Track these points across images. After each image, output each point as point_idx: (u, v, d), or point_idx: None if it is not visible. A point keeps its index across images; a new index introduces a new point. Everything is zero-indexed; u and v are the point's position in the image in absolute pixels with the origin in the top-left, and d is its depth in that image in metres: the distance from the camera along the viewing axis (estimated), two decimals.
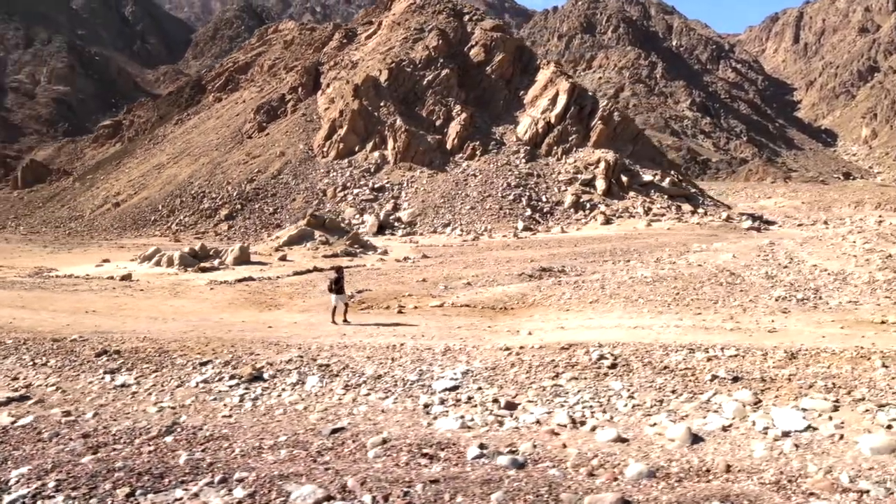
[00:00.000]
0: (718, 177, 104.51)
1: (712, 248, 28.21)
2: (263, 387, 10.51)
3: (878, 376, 10.13)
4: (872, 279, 18.12)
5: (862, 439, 8.15)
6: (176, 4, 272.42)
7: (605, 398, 9.74)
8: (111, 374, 11.14)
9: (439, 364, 11.32)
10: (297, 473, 7.84)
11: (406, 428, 8.98)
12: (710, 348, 11.57)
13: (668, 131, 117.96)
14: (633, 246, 30.06)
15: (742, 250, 27.09)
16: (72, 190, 58.17)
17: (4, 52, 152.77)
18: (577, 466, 7.81)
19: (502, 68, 54.27)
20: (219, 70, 74.81)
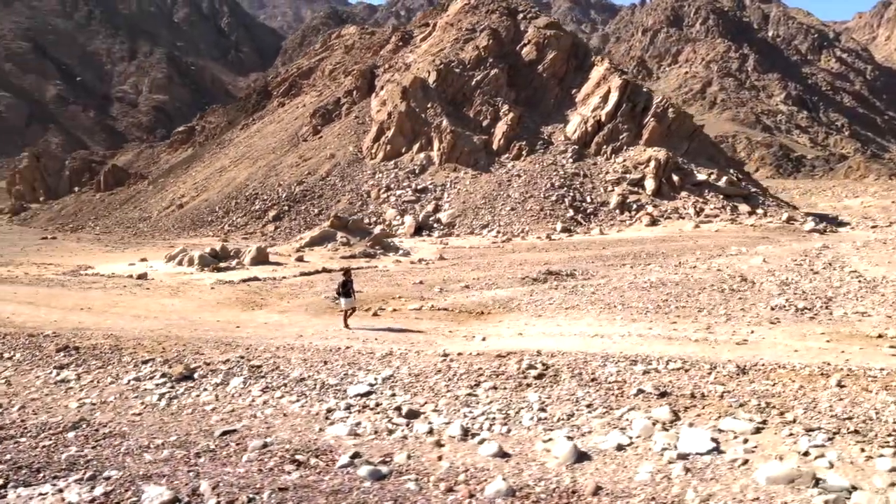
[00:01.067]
0: (814, 174, 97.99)
1: (750, 252, 26.50)
2: (188, 386, 10.70)
3: (824, 396, 9.18)
4: None
5: (764, 466, 7.40)
6: (270, 14, 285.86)
7: (514, 410, 9.30)
8: (59, 369, 11.66)
9: (368, 368, 11.16)
10: (160, 474, 7.90)
11: (295, 433, 8.89)
12: (656, 360, 10.82)
13: (760, 127, 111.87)
14: (666, 249, 28.69)
15: (781, 254, 25.31)
16: (145, 192, 61.83)
17: (111, 65, 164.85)
18: (439, 481, 7.48)
19: (554, 66, 53.17)
20: (284, 76, 77.40)
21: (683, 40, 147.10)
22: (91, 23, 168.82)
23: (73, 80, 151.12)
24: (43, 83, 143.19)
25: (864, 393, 9.30)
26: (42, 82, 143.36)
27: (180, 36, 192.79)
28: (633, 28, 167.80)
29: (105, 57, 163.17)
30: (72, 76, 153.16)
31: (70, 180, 72.11)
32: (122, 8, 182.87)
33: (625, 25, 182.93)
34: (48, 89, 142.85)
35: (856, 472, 7.22)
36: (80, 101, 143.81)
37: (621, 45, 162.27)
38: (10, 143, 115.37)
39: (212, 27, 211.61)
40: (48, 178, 72.81)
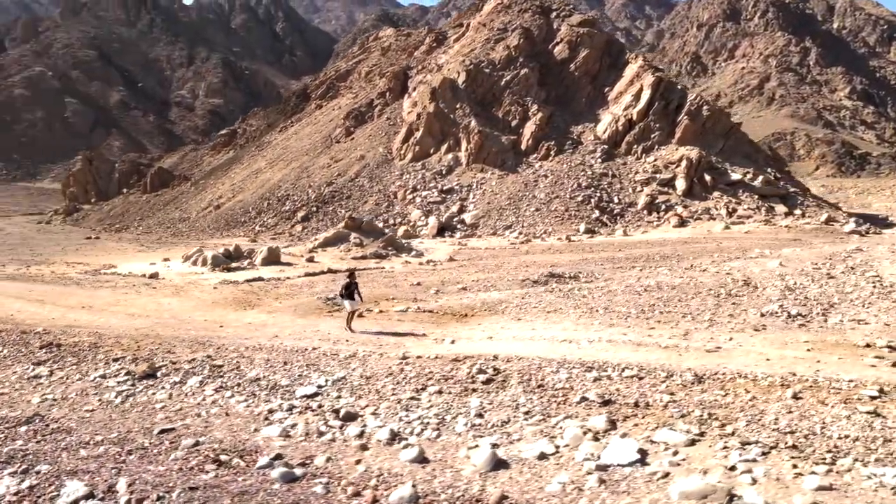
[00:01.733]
0: (879, 173, 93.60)
1: (773, 255, 25.48)
2: (148, 384, 10.97)
3: (773, 409, 8.76)
4: None
5: (680, 481, 7.11)
6: (324, 18, 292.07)
7: (451, 415, 9.19)
8: (36, 365, 12.12)
9: (325, 370, 11.21)
10: (86, 470, 8.13)
11: (230, 433, 9.01)
12: (613, 367, 10.53)
13: (821, 123, 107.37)
14: (685, 251, 27.86)
15: (804, 257, 24.23)
16: (187, 194, 63.83)
17: (171, 71, 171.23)
18: (349, 485, 7.48)
19: (587, 65, 52.34)
20: (322, 78, 78.64)
21: (740, 34, 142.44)
22: (153, 31, 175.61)
23: (135, 87, 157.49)
24: (107, 89, 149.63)
25: (819, 406, 8.82)
26: (106, 89, 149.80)
27: (237, 41, 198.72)
28: (687, 23, 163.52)
29: (165, 63, 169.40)
30: (134, 82, 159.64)
31: (119, 182, 75.14)
32: (183, 16, 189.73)
33: (680, 21, 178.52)
34: (112, 95, 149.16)
35: (778, 490, 6.86)
36: (141, 106, 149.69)
37: (675, 40, 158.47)
38: (75, 147, 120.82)
39: (267, 32, 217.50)
40: (99, 180, 76.05)
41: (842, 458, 7.41)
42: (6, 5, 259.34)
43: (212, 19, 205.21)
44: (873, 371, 10.27)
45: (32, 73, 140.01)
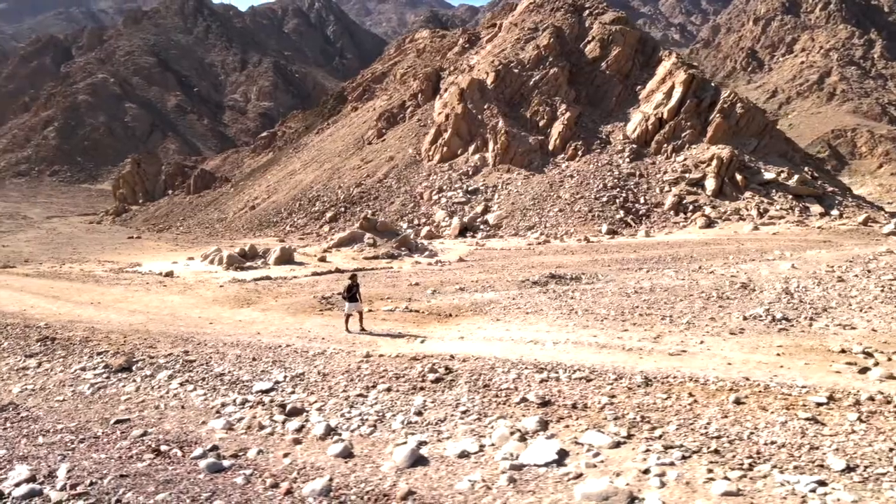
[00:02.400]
0: None
1: (792, 257, 24.72)
2: (121, 377, 11.50)
3: (710, 413, 8.68)
4: None
5: (587, 483, 7.15)
6: (375, 21, 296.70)
7: (392, 413, 9.39)
8: (27, 357, 12.86)
9: (288, 367, 11.53)
10: (35, 456, 8.65)
11: (180, 424, 9.41)
12: (564, 369, 10.53)
13: (886, 119, 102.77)
14: (700, 252, 27.27)
15: (822, 260, 23.45)
16: (226, 195, 65.74)
17: (224, 76, 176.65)
18: (270, 476, 7.78)
19: (619, 63, 51.57)
20: (359, 81, 79.71)
21: (800, 28, 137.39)
22: (209, 37, 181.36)
23: (190, 91, 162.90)
24: (165, 94, 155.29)
25: (758, 411, 8.65)
26: (164, 93, 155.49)
27: (288, 45, 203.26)
28: (744, 17, 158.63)
29: (220, 68, 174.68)
30: (190, 87, 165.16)
31: (165, 184, 77.95)
32: (237, 22, 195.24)
33: (737, 15, 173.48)
34: (169, 100, 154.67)
35: (683, 494, 6.83)
36: (196, 110, 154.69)
37: (731, 35, 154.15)
38: (133, 150, 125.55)
39: (318, 36, 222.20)
40: (147, 182, 79.06)
41: (760, 465, 7.31)
42: (75, 16, 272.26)
43: (265, 24, 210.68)
44: (834, 377, 9.98)
45: (96, 79, 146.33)
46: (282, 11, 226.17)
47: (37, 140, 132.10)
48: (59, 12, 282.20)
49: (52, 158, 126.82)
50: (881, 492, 6.60)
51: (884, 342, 11.99)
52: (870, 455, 7.32)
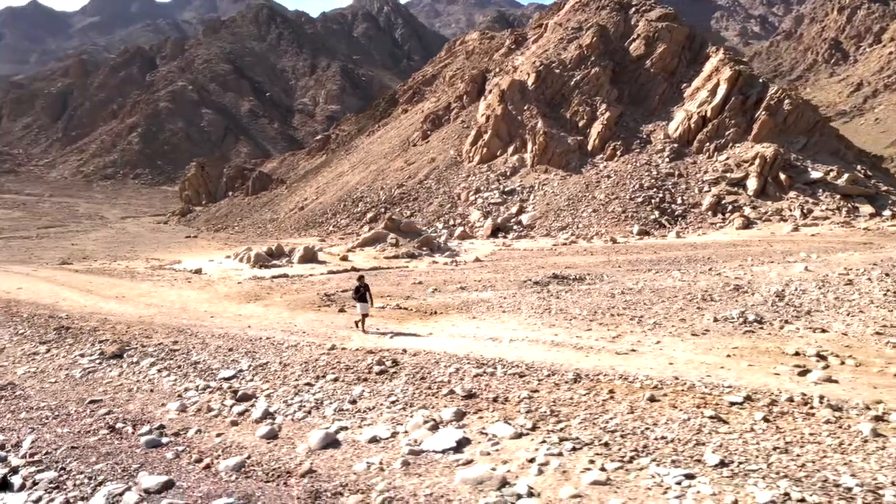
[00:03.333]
0: None
1: (814, 260, 23.96)
2: (111, 363, 12.68)
3: (619, 409, 9.01)
4: None
5: (471, 468, 7.65)
6: (444, 22, 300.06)
7: (329, 400, 10.09)
8: (41, 343, 14.30)
9: (257, 357, 12.41)
10: (11, 428, 9.82)
11: (142, 405, 10.42)
12: (504, 364, 10.97)
13: None
14: (723, 254, 26.74)
15: (842, 262, 22.63)
16: (280, 196, 68.33)
17: (295, 80, 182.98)
18: (198, 453, 8.62)
19: (663, 61, 50.58)
20: (410, 83, 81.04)
21: (889, 16, 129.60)
22: (281, 43, 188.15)
23: (263, 96, 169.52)
24: (239, 100, 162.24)
25: (667, 409, 8.88)
26: (238, 99, 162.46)
27: (357, 49, 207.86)
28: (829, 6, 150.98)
29: (290, 73, 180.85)
30: (262, 92, 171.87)
31: (226, 186, 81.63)
32: (308, 28, 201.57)
33: (821, 4, 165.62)
34: (243, 105, 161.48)
35: (555, 482, 7.24)
36: (267, 114, 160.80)
37: (814, 25, 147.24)
38: (208, 154, 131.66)
39: (387, 39, 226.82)
40: (210, 184, 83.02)
41: (641, 458, 7.58)
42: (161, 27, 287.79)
43: (335, 29, 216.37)
44: (770, 379, 10.01)
45: (175, 87, 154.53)
46: (351, 16, 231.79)
47: (122, 145, 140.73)
48: (147, 24, 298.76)
49: (135, 162, 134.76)
50: (744, 486, 6.79)
51: (846, 346, 11.81)
52: (750, 452, 7.48)
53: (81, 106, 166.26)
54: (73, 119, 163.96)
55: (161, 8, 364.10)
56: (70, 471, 8.21)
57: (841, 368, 10.56)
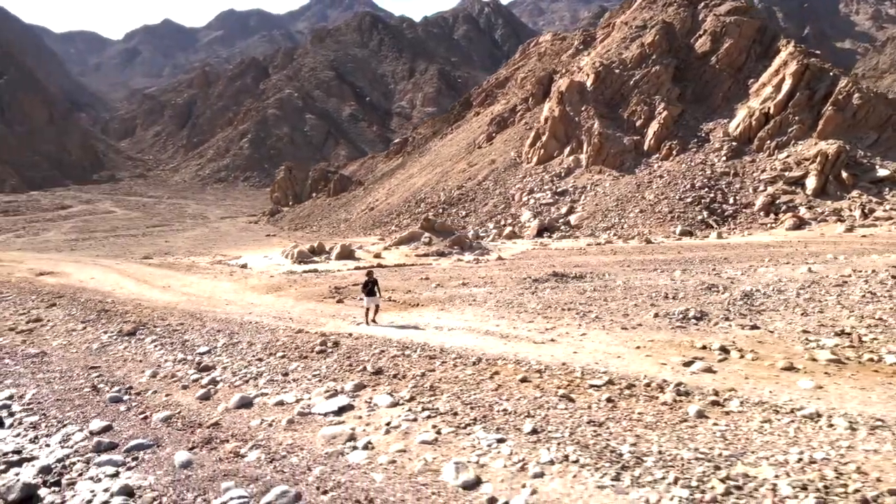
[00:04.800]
0: None
1: (832, 262, 23.38)
2: (123, 339, 15.23)
3: (487, 387, 10.40)
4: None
5: (330, 427, 9.23)
6: (549, 20, 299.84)
7: (268, 373, 11.93)
8: (81, 323, 17.19)
9: (234, 336, 14.49)
10: (24, 385, 12.37)
11: (127, 372, 12.74)
12: (424, 348, 12.39)
13: None
14: (743, 255, 26.44)
15: (863, 266, 22.04)
16: (357, 197, 71.92)
17: (394, 84, 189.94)
18: (145, 408, 10.75)
19: (730, 56, 49.12)
20: (484, 86, 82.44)
21: None
22: (381, 49, 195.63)
23: (363, 100, 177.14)
24: (340, 105, 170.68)
25: (529, 388, 10.03)
26: (340, 104, 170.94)
27: (456, 52, 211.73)
28: None
29: (390, 77, 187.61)
30: (362, 97, 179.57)
31: (310, 188, 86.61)
32: (409, 33, 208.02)
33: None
34: (344, 110, 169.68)
35: (393, 440, 8.73)
36: (366, 118, 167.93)
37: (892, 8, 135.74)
38: (310, 157, 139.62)
39: (487, 40, 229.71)
40: (296, 186, 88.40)
41: (475, 425, 8.88)
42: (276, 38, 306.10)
43: (435, 33, 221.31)
44: (651, 367, 10.86)
45: (282, 94, 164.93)
46: (452, 19, 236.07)
47: (234, 150, 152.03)
48: (263, 35, 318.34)
49: (244, 166, 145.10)
50: (538, 449, 7.97)
51: (760, 342, 12.30)
52: (565, 424, 8.61)
53: (203, 114, 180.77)
54: (196, 126, 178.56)
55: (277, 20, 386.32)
56: (48, 416, 10.52)
57: (734, 361, 11.18)
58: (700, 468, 7.16)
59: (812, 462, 7.25)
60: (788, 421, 8.49)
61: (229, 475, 7.89)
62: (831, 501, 6.40)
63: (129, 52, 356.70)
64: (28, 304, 20.73)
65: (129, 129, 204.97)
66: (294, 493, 7.30)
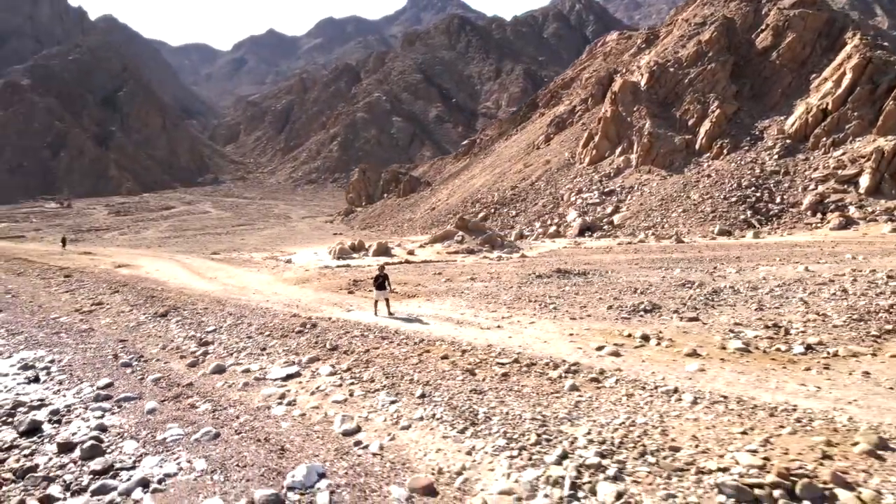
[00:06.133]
0: None
1: (835, 262, 23.23)
2: (156, 320, 18.01)
3: (411, 362, 12.04)
4: None
5: (269, 387, 11.28)
6: (644, 14, 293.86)
7: (252, 347, 14.16)
8: (130, 306, 20.24)
9: (241, 319, 16.89)
10: (64, 351, 15.20)
11: (147, 345, 15.36)
12: (381, 331, 14.25)
13: None
14: (762, 255, 26.45)
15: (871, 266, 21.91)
16: (424, 198, 74.53)
17: (480, 85, 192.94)
18: (143, 371, 13.22)
19: (793, 51, 47.64)
20: (551, 87, 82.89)
21: None
22: (469, 51, 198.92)
23: (449, 102, 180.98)
24: (427, 107, 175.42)
25: (444, 364, 11.68)
26: (426, 106, 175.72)
27: (546, 50, 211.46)
28: None
29: (476, 78, 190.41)
30: (449, 98, 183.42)
31: (382, 189, 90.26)
32: (496, 34, 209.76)
33: None
34: (430, 111, 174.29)
35: (314, 399, 10.67)
36: (452, 119, 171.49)
37: None
38: (395, 159, 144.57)
39: (577, 37, 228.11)
40: (369, 187, 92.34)
41: (382, 391, 10.66)
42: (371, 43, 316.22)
43: (524, 32, 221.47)
44: (566, 351, 12.19)
45: (371, 98, 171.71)
46: (542, 17, 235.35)
47: (325, 153, 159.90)
48: (359, 41, 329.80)
49: (333, 168, 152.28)
50: (417, 409, 9.67)
51: (685, 332, 13.30)
52: (451, 390, 10.25)
53: (299, 119, 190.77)
54: (292, 131, 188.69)
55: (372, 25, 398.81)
56: (73, 375, 13.19)
57: (648, 348, 12.34)
58: (529, 425, 8.65)
59: (631, 425, 8.56)
60: (647, 395, 9.74)
61: (177, 419, 10.11)
62: (611, 452, 7.75)
63: (236, 61, 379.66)
64: (98, 290, 24.24)
65: (233, 134, 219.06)
66: (215, 432, 9.40)
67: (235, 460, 8.44)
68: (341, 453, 8.44)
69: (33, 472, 8.67)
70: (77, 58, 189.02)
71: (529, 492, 7.05)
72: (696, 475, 7.10)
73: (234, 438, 9.18)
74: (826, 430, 8.06)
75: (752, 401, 9.21)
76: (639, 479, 7.13)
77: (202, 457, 8.64)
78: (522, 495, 7.01)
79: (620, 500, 6.78)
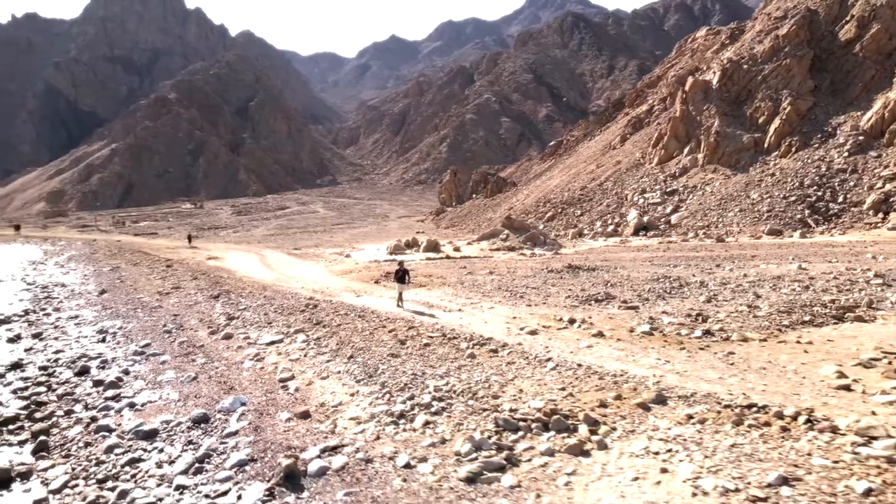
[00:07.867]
0: None
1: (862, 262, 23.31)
2: (209, 301, 21.98)
3: (364, 334, 14.76)
4: None
5: (254, 347, 14.57)
6: (780, 2, 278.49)
7: (263, 321, 17.55)
8: (197, 290, 24.49)
9: (270, 300, 20.40)
10: (129, 322, 19.42)
11: (190, 320, 19.23)
12: (372, 313, 17.15)
13: None
14: (785, 254, 26.70)
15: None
16: (507, 198, 76.70)
17: (592, 83, 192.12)
18: (177, 335, 16.94)
19: (878, 42, 45.29)
20: (639, 86, 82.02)
21: None
22: (581, 48, 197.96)
23: (560, 101, 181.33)
24: (537, 106, 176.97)
25: (386, 336, 14.36)
26: (536, 106, 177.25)
27: (665, 43, 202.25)
28: None
29: (588, 76, 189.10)
30: (559, 97, 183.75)
31: (471, 189, 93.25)
32: (611, 29, 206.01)
33: None
34: (540, 111, 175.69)
35: (276, 357, 13.73)
36: (562, 118, 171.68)
37: None
38: (502, 160, 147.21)
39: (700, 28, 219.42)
40: (459, 187, 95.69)
41: (324, 353, 13.50)
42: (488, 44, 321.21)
43: (643, 25, 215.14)
44: (494, 330, 14.48)
45: (480, 99, 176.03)
46: (663, 9, 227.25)
47: (434, 154, 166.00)
48: (476, 42, 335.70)
49: (442, 169, 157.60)
50: (343, 363, 12.48)
51: (611, 318, 15.16)
52: (374, 355, 12.96)
53: (414, 121, 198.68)
54: (408, 133, 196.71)
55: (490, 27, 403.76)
56: (128, 338, 17.18)
57: (567, 330, 14.36)
58: (405, 378, 11.20)
59: (485, 381, 10.89)
60: (524, 362, 11.96)
61: (176, 368, 13.58)
62: (448, 397, 10.17)
63: (360, 67, 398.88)
64: (184, 277, 29.02)
65: (354, 137, 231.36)
66: (194, 376, 12.73)
67: (195, 393, 11.68)
68: (268, 392, 11.45)
69: (70, 395, 12.39)
70: (217, 72, 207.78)
71: (368, 418, 9.68)
72: (492, 412, 9.39)
73: (203, 380, 12.46)
74: (626, 389, 9.99)
75: (601, 369, 11.18)
76: (451, 415, 9.53)
77: (178, 391, 11.97)
78: (363, 420, 9.65)
79: (427, 426, 9.24)
